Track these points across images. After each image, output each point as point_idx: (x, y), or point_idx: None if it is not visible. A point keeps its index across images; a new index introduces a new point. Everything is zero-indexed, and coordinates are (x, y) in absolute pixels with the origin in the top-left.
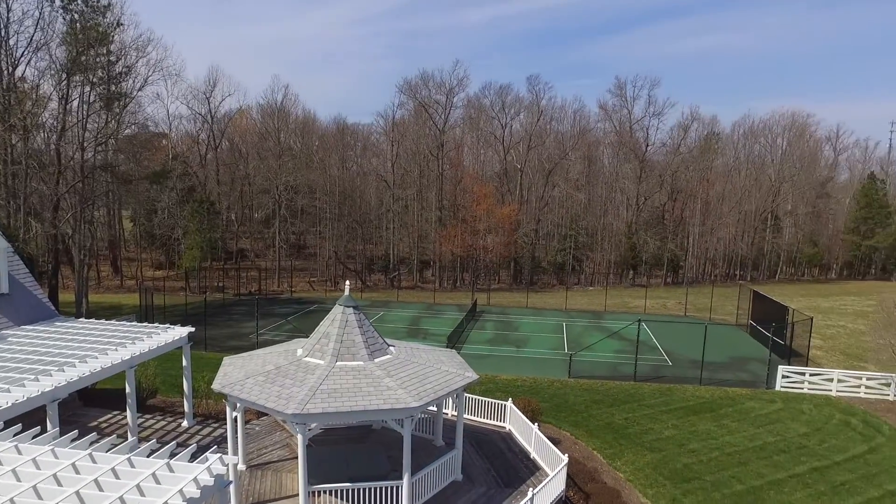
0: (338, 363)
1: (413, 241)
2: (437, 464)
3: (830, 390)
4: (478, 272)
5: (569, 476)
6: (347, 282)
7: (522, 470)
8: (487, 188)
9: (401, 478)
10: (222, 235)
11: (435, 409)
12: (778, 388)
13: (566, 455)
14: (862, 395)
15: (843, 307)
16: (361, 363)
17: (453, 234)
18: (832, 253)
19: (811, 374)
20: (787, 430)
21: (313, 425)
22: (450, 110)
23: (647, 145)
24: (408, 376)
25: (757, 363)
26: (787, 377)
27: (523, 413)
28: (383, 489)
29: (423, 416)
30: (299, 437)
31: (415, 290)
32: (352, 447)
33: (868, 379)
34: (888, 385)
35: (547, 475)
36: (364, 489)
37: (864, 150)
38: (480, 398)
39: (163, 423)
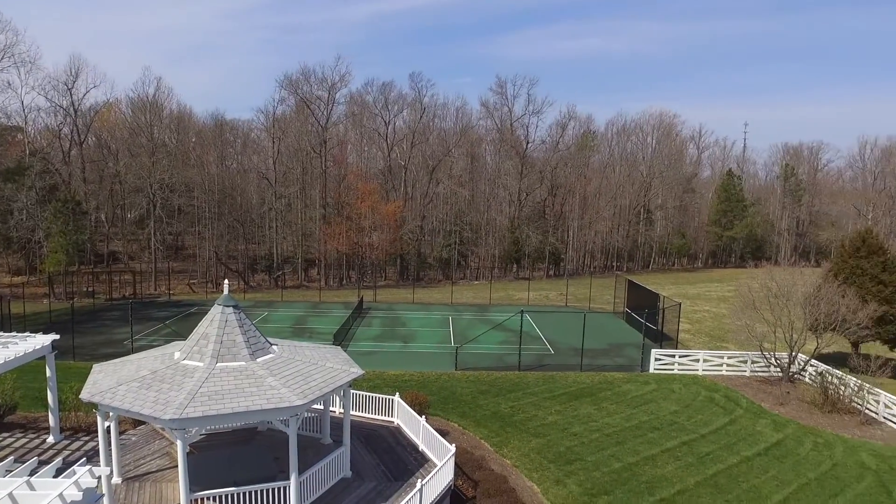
0: (218, 364)
1: (297, 239)
2: (325, 461)
3: (697, 370)
4: (364, 269)
5: (457, 465)
6: (227, 280)
7: (411, 462)
8: (372, 185)
9: (288, 478)
10: (91, 237)
11: (321, 406)
12: (651, 370)
13: (454, 445)
14: (724, 372)
15: (708, 293)
16: (243, 363)
17: (338, 232)
18: (698, 243)
19: (680, 356)
20: (660, 409)
21: (193, 430)
22: (332, 106)
23: (528, 142)
24: (292, 375)
25: (632, 348)
26: (660, 360)
27: (411, 407)
28: (270, 491)
29: (309, 414)
30: (179, 443)
31: (300, 289)
32: (236, 451)
33: (728, 358)
34: (745, 362)
35: (435, 466)
36: (250, 493)
37: (723, 148)
38: (367, 394)
39: (24, 440)
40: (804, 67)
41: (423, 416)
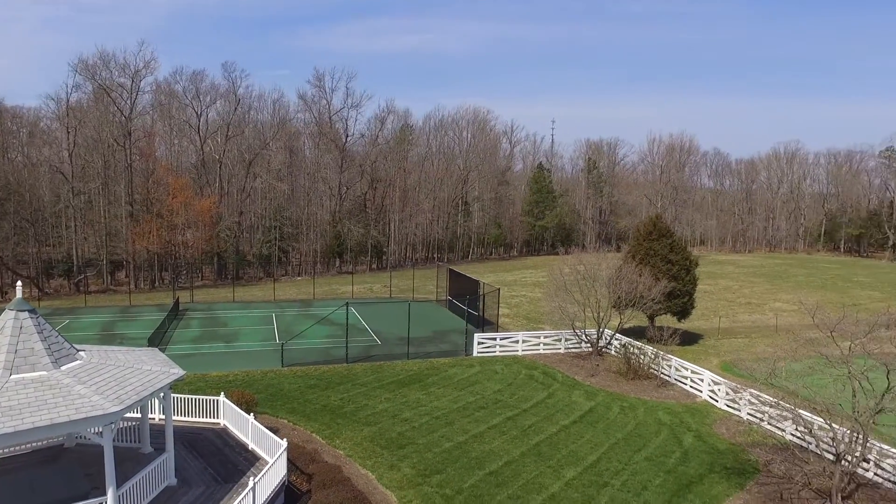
0: (13, 377)
1: (101, 240)
2: (146, 471)
3: (517, 351)
4: (179, 269)
5: (290, 461)
6: (19, 283)
7: (242, 463)
8: (184, 180)
9: (104, 494)
10: None
11: (139, 414)
12: (475, 354)
13: (285, 441)
14: (541, 351)
15: (524, 279)
16: (45, 373)
17: (148, 231)
18: (513, 233)
19: (501, 339)
20: (485, 389)
21: None
22: (137, 95)
23: (347, 136)
24: (104, 381)
25: (456, 334)
26: (482, 343)
27: (238, 406)
28: None
29: (126, 424)
30: None
31: (106, 293)
32: (39, 471)
33: (545, 337)
34: (560, 340)
35: (267, 463)
36: None
37: (533, 143)
38: (190, 396)
39: None
40: (604, 71)
41: (252, 415)
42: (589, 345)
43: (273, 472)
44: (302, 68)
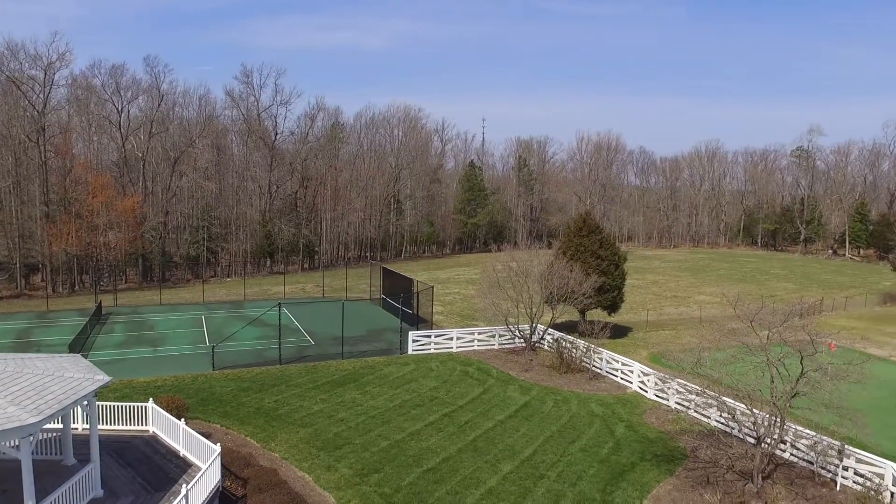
0: None
1: (13, 242)
2: (69, 484)
3: (452, 347)
4: (101, 272)
5: (224, 466)
6: None
7: (173, 470)
8: (105, 178)
9: None
10: None
11: (61, 424)
12: (410, 351)
13: (218, 445)
14: (475, 347)
15: (458, 277)
16: None
17: (66, 232)
18: (446, 231)
19: (436, 336)
20: (421, 386)
21: None
22: (50, 89)
23: (277, 134)
24: (20, 390)
25: (391, 332)
26: (417, 341)
27: (168, 412)
28: None
29: (47, 435)
30: None
31: (20, 299)
32: None
33: (479, 334)
34: (494, 336)
35: (200, 469)
36: None
37: (464, 141)
38: (117, 404)
39: None
40: (533, 70)
41: (183, 421)
42: (522, 340)
43: (206, 477)
44: (227, 64)
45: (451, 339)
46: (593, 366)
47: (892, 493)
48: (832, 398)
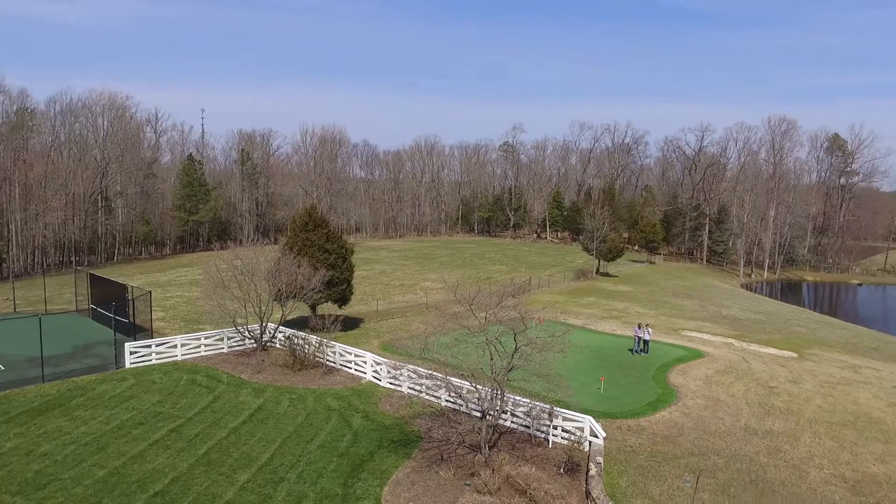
0: None
1: None
2: None
3: (176, 356)
4: None
5: None
6: None
7: None
8: None
9: None
10: None
11: None
12: (128, 365)
13: None
14: (203, 353)
15: (180, 278)
16: None
17: None
18: (165, 230)
19: (157, 345)
20: (142, 402)
21: None
22: None
23: None
24: None
25: (104, 346)
26: (136, 353)
27: None
28: None
29: None
30: None
31: None
32: None
33: (206, 338)
34: (222, 340)
35: None
36: None
37: (181, 133)
38: None
39: None
40: (255, 62)
41: None
42: (253, 341)
43: None
44: None
45: (175, 346)
46: (327, 360)
47: (590, 442)
48: (541, 367)
